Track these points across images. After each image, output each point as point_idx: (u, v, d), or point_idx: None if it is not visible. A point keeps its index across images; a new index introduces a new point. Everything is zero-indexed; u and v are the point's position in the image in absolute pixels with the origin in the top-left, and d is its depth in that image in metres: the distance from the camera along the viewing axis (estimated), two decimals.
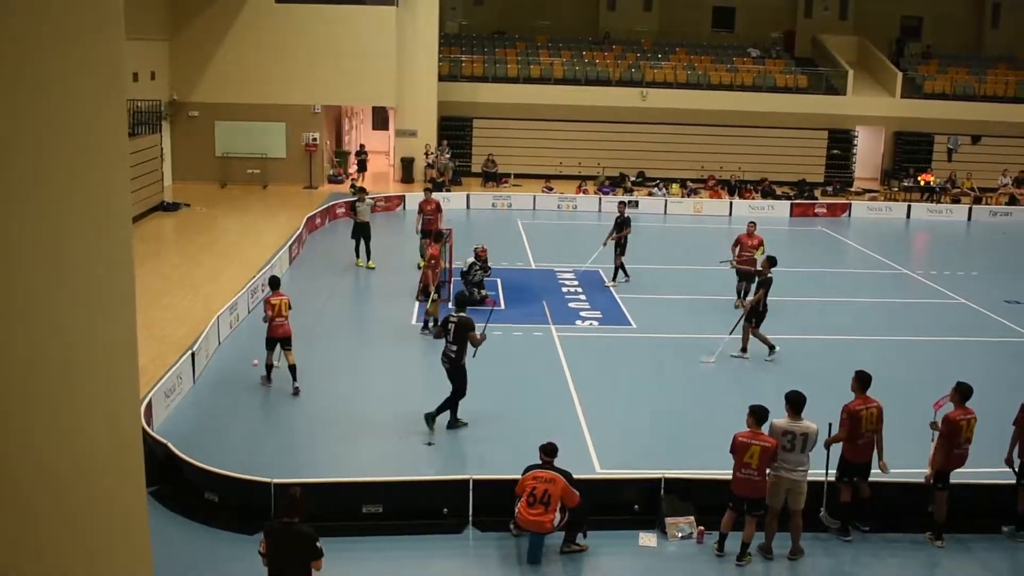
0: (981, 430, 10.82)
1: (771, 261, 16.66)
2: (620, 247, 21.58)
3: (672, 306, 20.27)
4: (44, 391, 4.72)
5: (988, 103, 39.41)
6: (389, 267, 22.32)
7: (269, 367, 14.68)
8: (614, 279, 21.72)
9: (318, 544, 7.80)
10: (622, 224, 21.59)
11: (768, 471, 10.12)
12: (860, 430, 10.58)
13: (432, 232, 20.36)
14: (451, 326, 13.17)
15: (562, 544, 10.30)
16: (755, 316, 16.48)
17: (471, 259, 19.75)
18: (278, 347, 14.50)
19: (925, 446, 10.85)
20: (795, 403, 10.23)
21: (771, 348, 16.56)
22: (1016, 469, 10.96)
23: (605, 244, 21.91)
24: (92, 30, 5.03)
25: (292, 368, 14.40)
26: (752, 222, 20.26)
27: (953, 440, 10.57)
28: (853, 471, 10.73)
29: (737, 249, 19.79)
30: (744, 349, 16.69)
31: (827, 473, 10.84)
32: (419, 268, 21.42)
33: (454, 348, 13.10)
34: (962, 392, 10.77)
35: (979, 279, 23.61)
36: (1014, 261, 27.03)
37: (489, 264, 19.95)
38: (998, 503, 11.12)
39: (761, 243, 19.49)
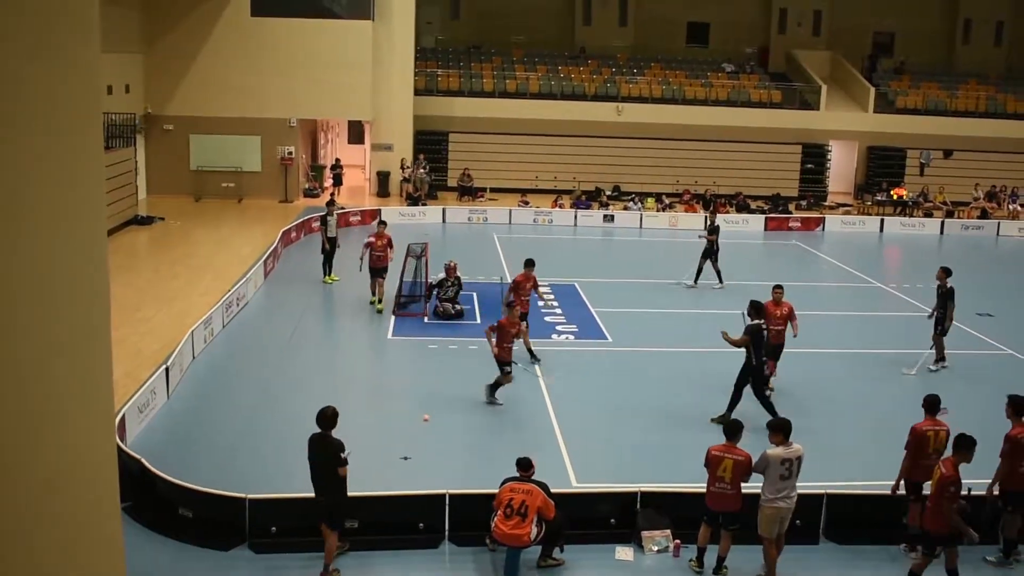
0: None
1: (946, 271, 17.27)
2: (714, 254, 23.00)
3: (647, 320, 20.34)
4: (17, 405, 4.68)
5: (960, 118, 39.88)
6: (364, 282, 22.21)
7: None
8: (720, 281, 23.03)
9: (343, 454, 9.68)
10: (711, 230, 23.20)
11: (764, 505, 9.94)
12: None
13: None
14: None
15: (539, 558, 10.30)
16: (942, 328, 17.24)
17: (442, 275, 19.79)
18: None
19: (898, 459, 10.90)
20: (784, 429, 10.02)
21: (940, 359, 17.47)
22: (1001, 501, 10.79)
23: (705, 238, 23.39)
24: (68, 43, 5.02)
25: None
26: (778, 286, 16.13)
27: (919, 451, 10.65)
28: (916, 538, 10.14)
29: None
30: (942, 358, 17.46)
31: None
32: (371, 305, 20.25)
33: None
34: (929, 403, 10.87)
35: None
36: (985, 274, 27.29)
37: (460, 276, 19.93)
38: (972, 514, 11.19)
39: (792, 311, 15.73)
